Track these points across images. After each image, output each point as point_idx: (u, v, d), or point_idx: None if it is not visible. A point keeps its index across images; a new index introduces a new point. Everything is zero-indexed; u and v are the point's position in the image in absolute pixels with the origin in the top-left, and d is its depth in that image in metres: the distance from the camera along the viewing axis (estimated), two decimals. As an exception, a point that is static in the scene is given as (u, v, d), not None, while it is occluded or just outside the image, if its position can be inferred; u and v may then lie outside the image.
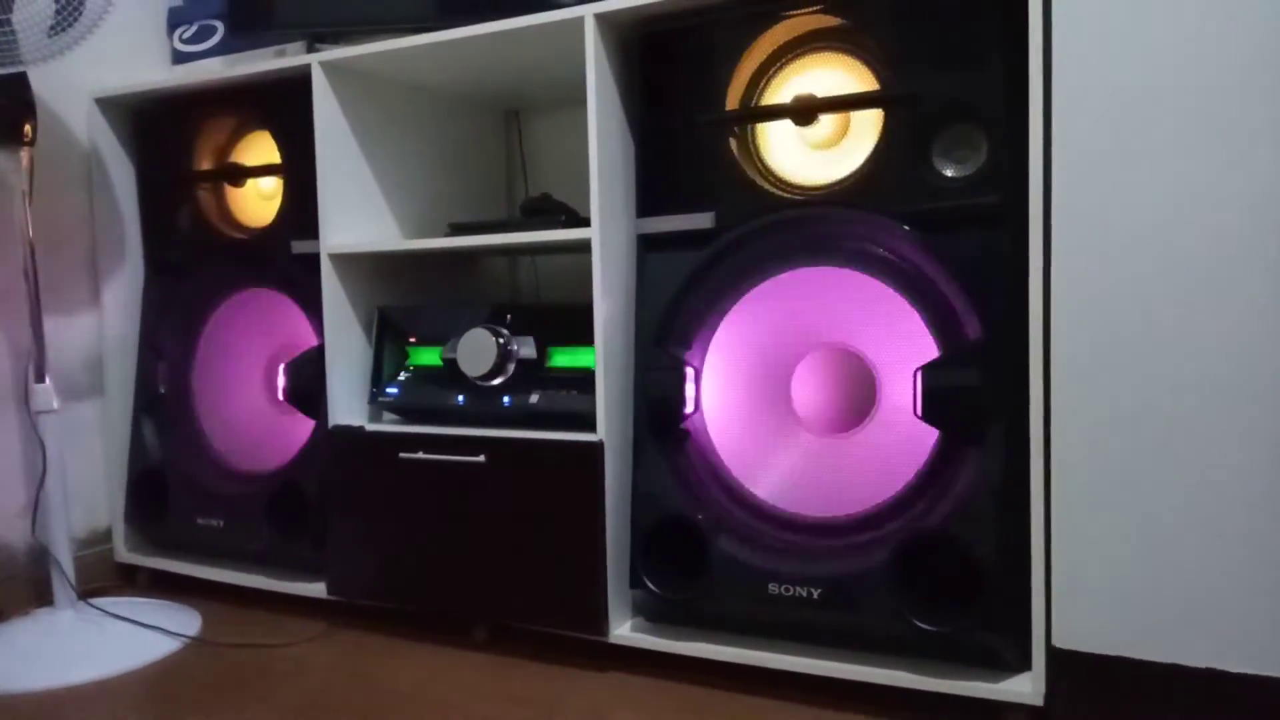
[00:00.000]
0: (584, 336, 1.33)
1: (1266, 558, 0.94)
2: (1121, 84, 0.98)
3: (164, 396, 1.67)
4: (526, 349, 1.38)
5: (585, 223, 1.29)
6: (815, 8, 1.18)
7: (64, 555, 1.45)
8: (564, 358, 1.36)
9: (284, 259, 1.53)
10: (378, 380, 1.51)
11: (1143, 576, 0.99)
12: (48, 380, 1.45)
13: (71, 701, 1.24)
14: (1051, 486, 1.03)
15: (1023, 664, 1.08)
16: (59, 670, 1.31)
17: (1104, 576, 1.01)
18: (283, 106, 1.53)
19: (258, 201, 1.62)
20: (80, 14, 1.35)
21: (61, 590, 1.45)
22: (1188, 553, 0.97)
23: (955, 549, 1.07)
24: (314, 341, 1.51)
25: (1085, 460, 1.01)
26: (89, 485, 1.71)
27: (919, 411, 1.09)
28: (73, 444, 1.67)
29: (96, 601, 1.51)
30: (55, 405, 1.46)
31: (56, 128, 1.65)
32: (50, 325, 1.62)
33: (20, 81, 1.42)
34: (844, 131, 1.19)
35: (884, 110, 1.15)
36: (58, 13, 1.34)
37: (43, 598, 1.53)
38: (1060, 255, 1.01)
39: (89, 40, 1.39)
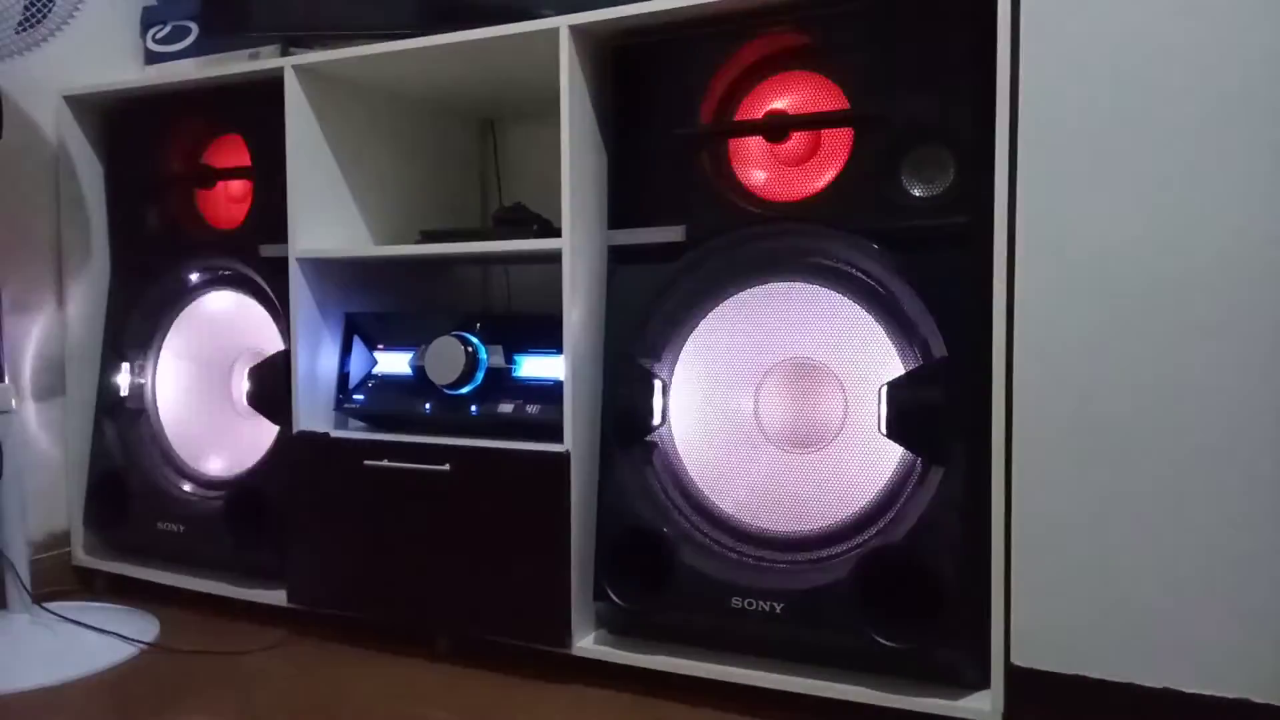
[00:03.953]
0: (553, 347, 1.33)
1: (1223, 579, 0.95)
2: (1087, 108, 0.99)
3: (127, 399, 1.65)
4: (495, 358, 1.37)
5: (557, 233, 1.29)
6: (788, 26, 1.19)
7: (19, 558, 1.42)
8: (533, 368, 1.36)
9: (253, 262, 1.52)
10: (344, 387, 1.49)
11: (1101, 596, 1.00)
12: (7, 380, 1.43)
13: (23, 707, 1.22)
14: (1012, 505, 1.04)
15: (982, 681, 1.08)
16: (11, 675, 1.29)
17: (1063, 595, 1.02)
18: (255, 109, 1.52)
19: (227, 204, 1.60)
20: (50, 10, 1.34)
21: (16, 594, 1.42)
22: (1146, 573, 0.98)
23: (917, 566, 1.08)
24: (281, 346, 1.49)
25: (1046, 479, 1.02)
26: (48, 487, 1.68)
27: (883, 428, 1.10)
28: (32, 445, 1.64)
29: (52, 606, 1.48)
30: (14, 405, 1.43)
31: (24, 125, 1.63)
32: (12, 324, 1.60)
33: (-13, 77, 1.40)
34: (815, 149, 1.20)
35: (854, 129, 1.16)
36: (27, 8, 1.33)
37: (-4, 601, 1.50)
38: (1024, 276, 1.03)
39: (59, 37, 1.37)
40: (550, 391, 1.33)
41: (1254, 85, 0.93)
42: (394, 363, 1.46)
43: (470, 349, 1.36)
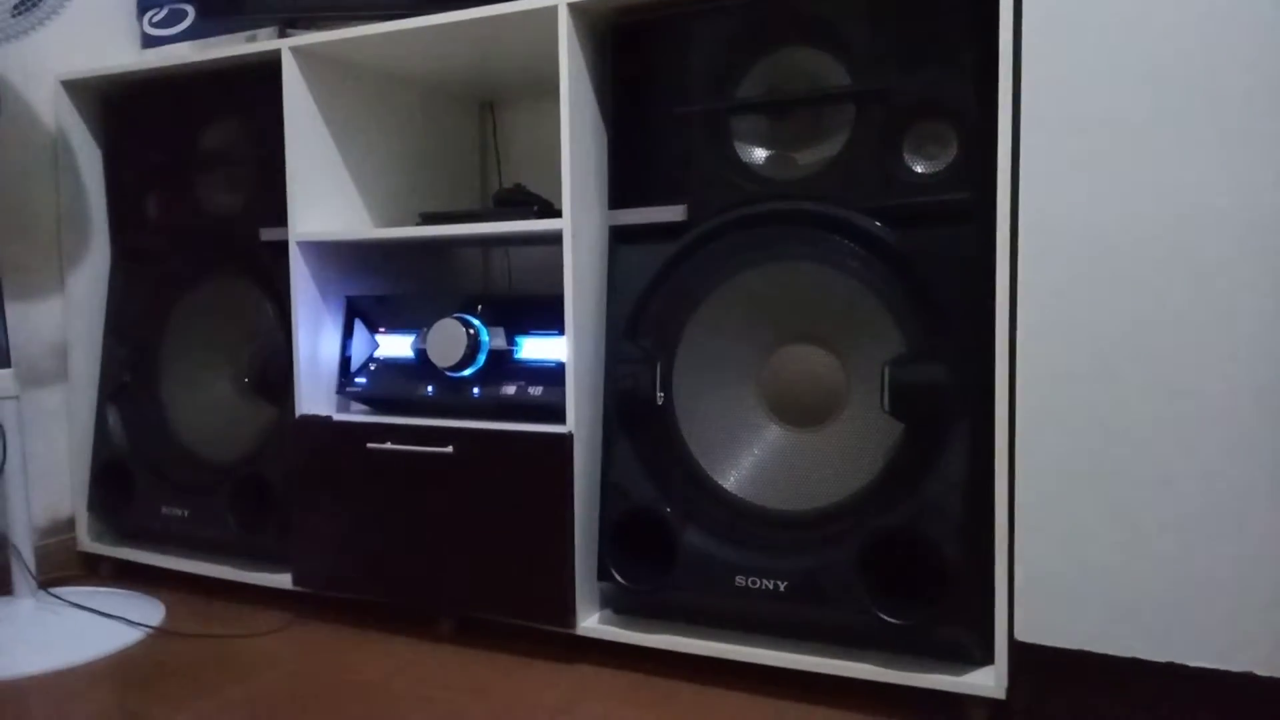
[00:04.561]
0: (555, 328, 1.33)
1: (1226, 554, 0.95)
2: (1091, 83, 0.99)
3: (129, 384, 1.65)
4: (497, 340, 1.37)
5: (557, 214, 1.29)
6: (789, 2, 1.18)
7: (24, 544, 1.43)
8: (535, 349, 1.36)
9: (253, 246, 1.52)
10: (346, 370, 1.49)
11: (1104, 572, 1.00)
12: (10, 366, 1.43)
13: (29, 691, 1.22)
14: (1015, 482, 1.04)
15: (986, 657, 1.08)
16: (17, 660, 1.29)
17: (1066, 571, 1.02)
18: (253, 92, 1.51)
19: (227, 188, 1.60)
20: (46, -6, 1.33)
21: (21, 579, 1.43)
22: (1148, 548, 0.98)
23: (920, 543, 1.08)
24: (282, 330, 1.49)
25: (1048, 456, 1.02)
26: (52, 473, 1.69)
27: (886, 406, 1.10)
28: (35, 431, 1.65)
29: (57, 591, 1.49)
30: (16, 391, 1.43)
31: (22, 110, 1.63)
32: (13, 310, 1.60)
33: (-17, 62, 1.39)
34: (816, 126, 1.19)
35: (856, 105, 1.15)
36: (22, -8, 1.32)
37: (2, 587, 1.50)
38: (1027, 252, 1.02)
39: (55, 21, 1.37)
40: (552, 373, 1.33)
41: (1259, 60, 0.92)
42: (396, 346, 1.46)
43: (472, 331, 1.36)
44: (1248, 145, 0.93)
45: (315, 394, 1.49)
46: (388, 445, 1.37)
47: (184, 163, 1.61)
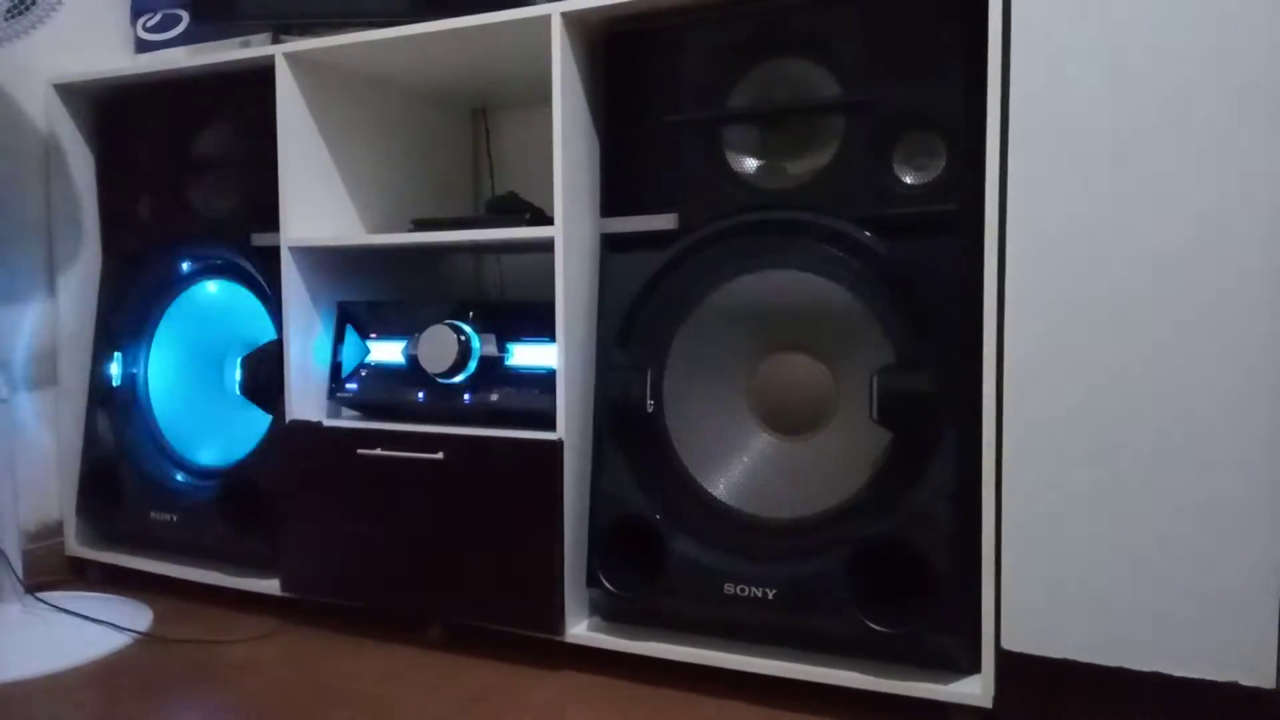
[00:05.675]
0: (546, 335, 1.33)
1: (1210, 564, 0.96)
2: (1078, 95, 0.99)
3: (119, 388, 1.65)
4: (488, 347, 1.37)
5: (549, 222, 1.29)
6: (780, 13, 1.19)
7: (12, 548, 1.42)
8: (526, 356, 1.36)
9: (244, 251, 1.52)
10: (337, 376, 1.49)
11: (1090, 581, 1.01)
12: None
13: (16, 696, 1.22)
14: (1002, 491, 1.05)
15: (973, 666, 1.09)
16: (3, 665, 1.29)
17: (1053, 581, 1.02)
18: (246, 98, 1.51)
19: (219, 193, 1.60)
20: (39, -2, 1.34)
21: (8, 584, 1.42)
22: (1134, 558, 0.99)
23: (908, 551, 1.08)
24: (273, 335, 1.49)
25: (1036, 466, 1.02)
26: (40, 477, 1.68)
27: (875, 414, 1.10)
28: (23, 435, 1.64)
29: (44, 595, 1.48)
30: (6, 395, 1.43)
31: (13, 114, 1.63)
32: (3, 313, 1.59)
33: (-24, 65, 1.39)
34: (807, 136, 1.20)
35: (846, 116, 1.16)
36: (16, -5, 1.32)
37: (-11, 591, 1.50)
38: (1014, 263, 1.03)
39: (48, 25, 1.37)
40: (543, 380, 1.33)
41: (1249, 68, 0.93)
42: (387, 351, 1.46)
43: (463, 337, 1.36)
44: (1242, 155, 0.94)
45: (306, 399, 1.49)
46: (378, 451, 1.36)
47: (176, 167, 1.61)
